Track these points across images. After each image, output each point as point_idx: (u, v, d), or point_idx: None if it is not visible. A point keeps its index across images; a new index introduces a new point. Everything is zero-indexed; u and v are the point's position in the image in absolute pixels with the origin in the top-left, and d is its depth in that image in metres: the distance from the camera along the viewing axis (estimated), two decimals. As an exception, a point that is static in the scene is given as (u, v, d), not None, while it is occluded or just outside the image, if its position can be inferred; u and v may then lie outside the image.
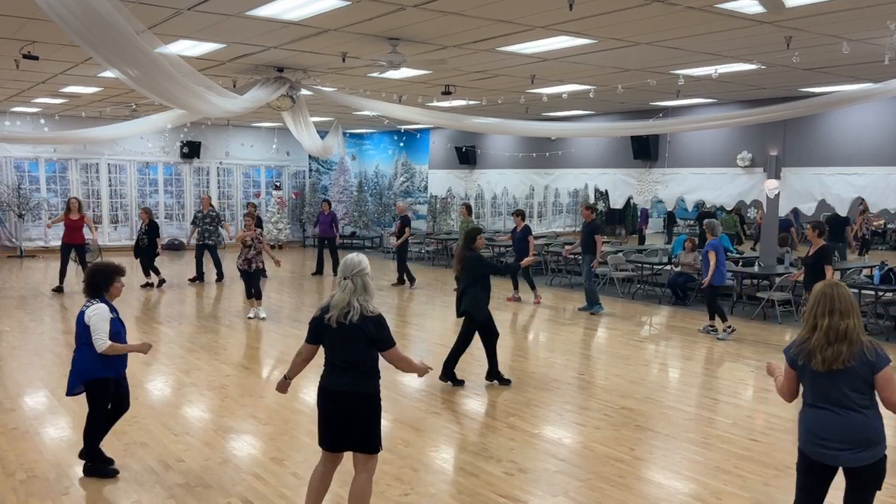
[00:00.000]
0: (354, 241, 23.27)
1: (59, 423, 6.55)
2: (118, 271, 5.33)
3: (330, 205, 17.16)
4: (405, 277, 15.20)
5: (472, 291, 7.81)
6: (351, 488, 4.37)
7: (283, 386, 4.60)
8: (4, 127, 18.23)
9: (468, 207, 15.17)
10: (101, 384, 5.27)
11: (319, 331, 4.31)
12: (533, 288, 13.37)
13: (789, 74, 10.09)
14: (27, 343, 9.64)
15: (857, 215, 15.20)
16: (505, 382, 8.03)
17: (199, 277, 14.99)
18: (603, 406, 7.33)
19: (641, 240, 20.72)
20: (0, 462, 5.63)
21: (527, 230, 13.10)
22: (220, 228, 15.32)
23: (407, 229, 15.13)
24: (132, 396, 7.27)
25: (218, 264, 15.12)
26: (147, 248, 14.16)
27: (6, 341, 9.64)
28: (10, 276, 15.47)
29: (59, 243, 13.89)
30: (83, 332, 5.16)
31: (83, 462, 5.44)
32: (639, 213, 21.34)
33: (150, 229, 14.23)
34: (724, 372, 8.81)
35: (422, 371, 4.62)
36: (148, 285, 14.17)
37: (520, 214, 13.40)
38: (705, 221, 11.03)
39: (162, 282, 14.34)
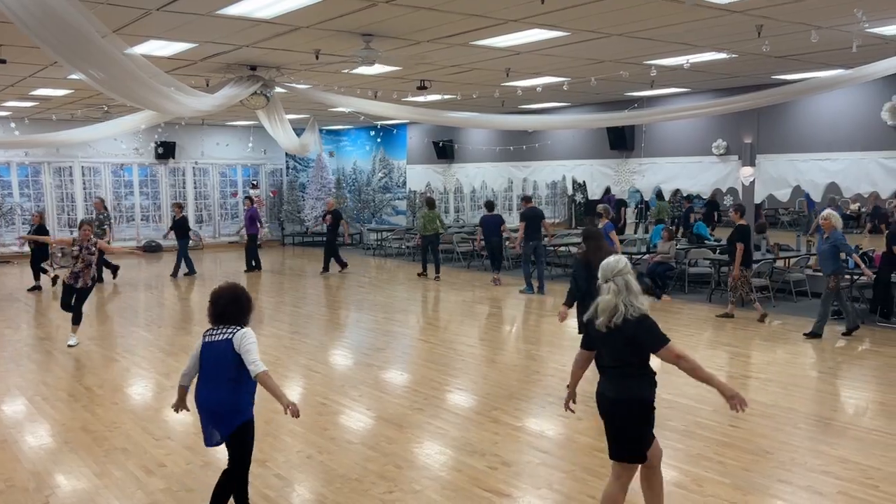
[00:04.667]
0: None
1: (37, 432, 6.48)
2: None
3: (252, 201, 17.17)
4: (331, 264, 16.29)
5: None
6: (650, 481, 4.36)
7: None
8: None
9: (430, 201, 16.20)
10: (252, 425, 4.46)
11: (586, 333, 4.33)
12: (498, 269, 14.92)
13: (761, 62, 10.17)
14: (3, 350, 9.50)
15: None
16: None
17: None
18: (585, 397, 7.34)
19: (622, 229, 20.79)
20: (-22, 473, 5.56)
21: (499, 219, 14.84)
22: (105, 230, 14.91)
23: (343, 221, 16.85)
24: (111, 402, 7.28)
25: (105, 266, 14.78)
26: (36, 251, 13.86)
27: (-18, 349, 9.51)
28: (-16, 283, 15.26)
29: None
30: (231, 362, 4.26)
31: None
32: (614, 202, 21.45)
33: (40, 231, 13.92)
34: (702, 359, 8.86)
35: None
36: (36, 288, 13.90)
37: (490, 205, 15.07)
38: (598, 206, 12.08)
39: (37, 288, 13.91)
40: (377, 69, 10.51)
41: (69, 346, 9.46)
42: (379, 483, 5.31)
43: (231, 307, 4.36)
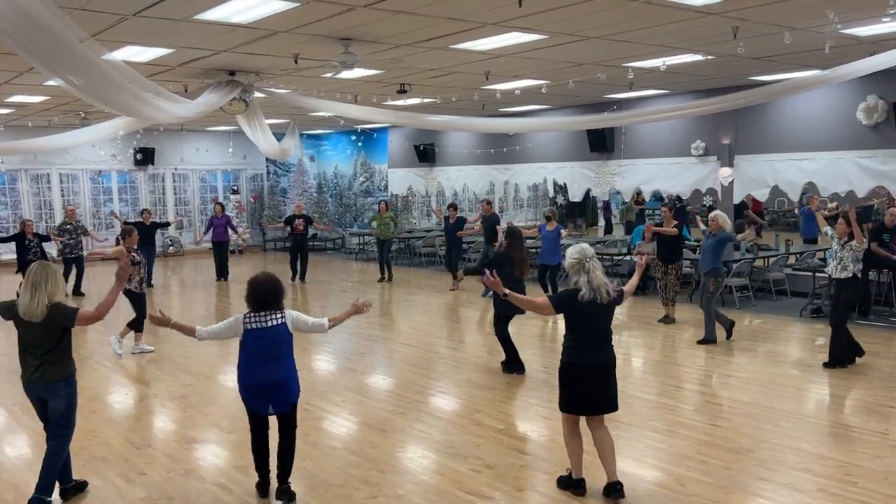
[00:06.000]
0: (316, 243, 23.08)
1: (16, 443, 6.40)
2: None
3: (224, 208, 16.82)
4: (301, 270, 15.87)
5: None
6: (606, 441, 5.08)
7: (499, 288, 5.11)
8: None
9: (387, 204, 16.29)
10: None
11: (570, 306, 4.95)
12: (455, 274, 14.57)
13: (738, 64, 10.26)
14: (-20, 361, 9.38)
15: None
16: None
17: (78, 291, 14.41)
18: (567, 398, 7.37)
19: (609, 229, 20.84)
20: (-46, 485, 5.48)
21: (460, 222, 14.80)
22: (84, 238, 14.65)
23: (311, 225, 16.40)
24: (90, 410, 7.21)
25: (79, 276, 14.53)
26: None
27: (-42, 360, 9.37)
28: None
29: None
30: (287, 341, 5.01)
31: (286, 486, 5.07)
32: (599, 204, 21.57)
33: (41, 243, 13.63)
34: (684, 359, 8.94)
35: None
36: None
37: (454, 207, 15.00)
38: (545, 210, 12.53)
39: None
40: (357, 73, 10.49)
41: (150, 350, 9.58)
42: (362, 488, 5.29)
43: (271, 296, 5.00)
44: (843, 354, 8.26)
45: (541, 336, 10.52)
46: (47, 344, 4.82)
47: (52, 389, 4.88)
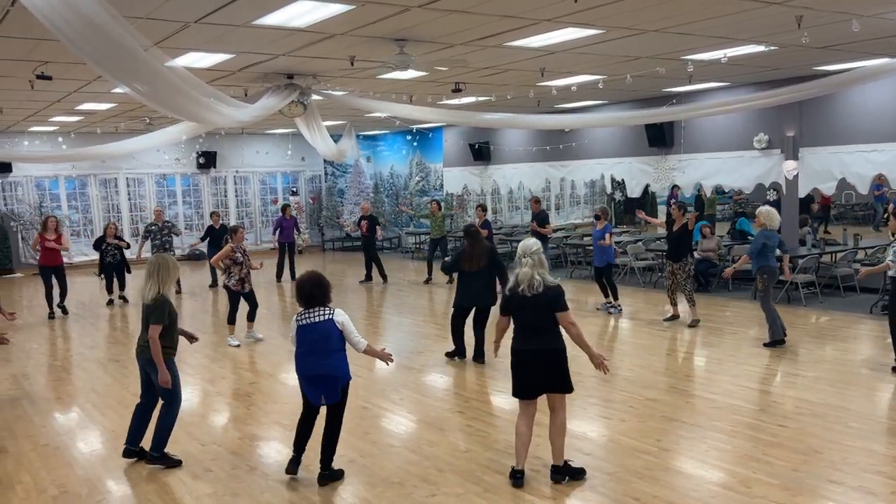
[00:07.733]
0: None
1: (88, 439, 6.64)
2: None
3: (290, 209, 16.99)
4: (381, 274, 15.74)
5: (487, 282, 8.59)
6: (554, 424, 5.33)
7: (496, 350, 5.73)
8: (23, 147, 18.45)
9: (438, 204, 16.20)
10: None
11: (510, 304, 5.25)
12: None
13: (802, 54, 9.97)
14: (55, 359, 9.76)
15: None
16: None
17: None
18: (627, 398, 7.29)
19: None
20: (32, 479, 5.71)
21: (486, 224, 14.36)
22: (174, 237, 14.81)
23: (378, 227, 16.03)
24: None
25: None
26: (119, 263, 13.76)
27: (34, 358, 9.77)
28: (36, 294, 15.64)
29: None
30: (337, 336, 5.29)
31: (328, 472, 5.48)
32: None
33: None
34: (749, 358, 8.72)
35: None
36: (112, 302, 13.83)
37: (482, 208, 14.79)
38: (597, 208, 12.56)
39: (112, 301, 13.91)
40: (411, 73, 10.55)
41: (235, 345, 10.06)
42: (421, 486, 5.32)
43: (316, 290, 5.30)
44: None
45: (600, 335, 10.40)
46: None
47: (153, 365, 5.67)
